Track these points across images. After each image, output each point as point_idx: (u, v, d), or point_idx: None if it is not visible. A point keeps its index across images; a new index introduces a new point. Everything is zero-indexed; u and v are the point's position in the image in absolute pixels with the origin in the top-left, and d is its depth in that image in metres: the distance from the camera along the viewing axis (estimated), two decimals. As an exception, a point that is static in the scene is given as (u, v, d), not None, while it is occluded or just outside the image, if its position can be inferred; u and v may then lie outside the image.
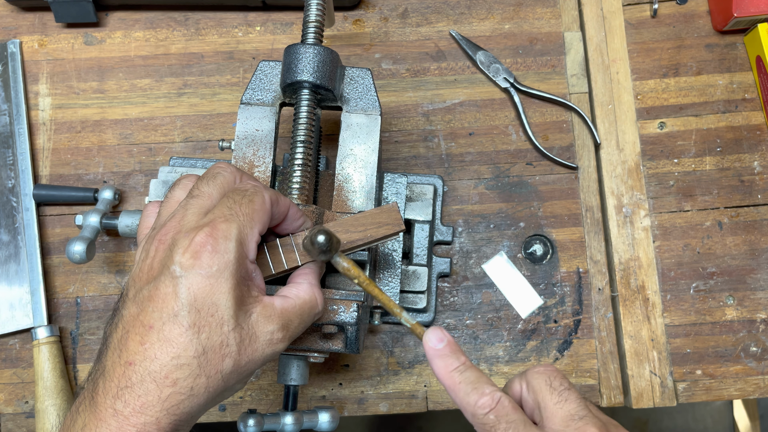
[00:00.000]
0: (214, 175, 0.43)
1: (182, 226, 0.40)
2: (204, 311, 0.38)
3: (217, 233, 0.39)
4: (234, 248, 0.39)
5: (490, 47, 0.72)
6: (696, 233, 0.67)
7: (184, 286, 0.38)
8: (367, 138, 0.55)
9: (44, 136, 0.71)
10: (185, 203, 0.42)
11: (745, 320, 0.66)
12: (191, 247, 0.38)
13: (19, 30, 0.74)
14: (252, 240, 0.41)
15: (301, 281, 0.45)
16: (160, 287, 0.38)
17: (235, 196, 0.41)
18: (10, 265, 0.67)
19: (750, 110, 0.70)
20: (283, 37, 0.73)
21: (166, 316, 0.37)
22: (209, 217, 0.40)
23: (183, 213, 0.41)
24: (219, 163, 0.45)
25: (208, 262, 0.38)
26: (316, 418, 0.55)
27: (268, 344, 0.41)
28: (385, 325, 0.67)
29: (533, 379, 0.42)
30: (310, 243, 0.43)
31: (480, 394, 0.41)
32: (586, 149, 0.70)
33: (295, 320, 0.42)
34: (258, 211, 0.41)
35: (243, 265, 0.40)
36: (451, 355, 0.43)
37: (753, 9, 0.67)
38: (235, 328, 0.39)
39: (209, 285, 0.38)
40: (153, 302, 0.38)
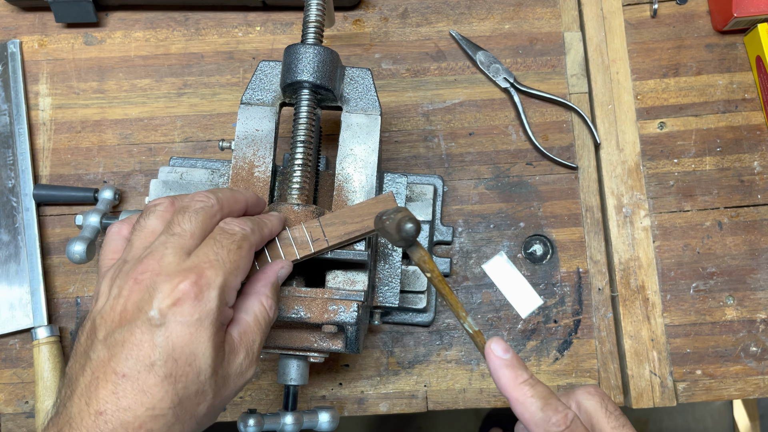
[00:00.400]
0: (195, 210, 0.41)
1: (162, 267, 0.38)
2: (182, 361, 0.36)
3: (202, 281, 0.37)
4: (216, 297, 0.38)
5: (490, 47, 0.72)
6: (696, 233, 0.67)
7: (162, 335, 0.36)
8: (367, 138, 0.55)
9: (44, 136, 0.71)
10: (164, 240, 0.40)
11: (745, 320, 0.66)
12: (173, 294, 0.37)
13: (19, 30, 0.74)
14: (234, 288, 0.40)
15: (248, 292, 0.43)
16: (136, 333, 0.36)
17: (223, 240, 0.40)
18: (10, 265, 0.67)
19: (750, 110, 0.70)
20: (283, 37, 0.73)
21: (141, 365, 0.36)
22: (193, 261, 0.38)
23: (162, 252, 0.39)
24: (199, 195, 0.43)
25: (189, 311, 0.37)
26: (316, 418, 0.55)
27: (239, 377, 0.40)
28: (385, 325, 0.67)
29: (586, 399, 0.42)
30: (396, 231, 0.39)
31: (554, 411, 0.39)
32: (586, 149, 0.70)
33: (256, 339, 0.42)
34: (243, 259, 0.40)
35: (223, 313, 0.39)
36: (519, 366, 0.41)
37: (753, 9, 0.67)
38: (211, 376, 0.38)
39: (189, 334, 0.36)
40: (127, 349, 0.36)
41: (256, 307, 0.43)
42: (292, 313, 0.49)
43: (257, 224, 0.44)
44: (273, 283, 0.44)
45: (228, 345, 0.40)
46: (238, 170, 0.54)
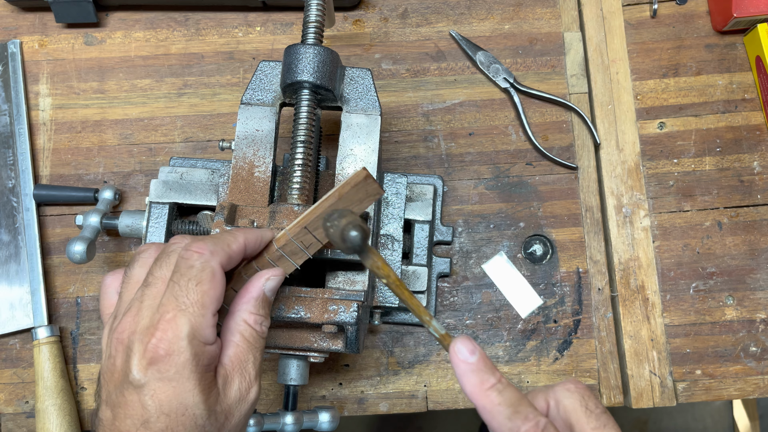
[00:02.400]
0: (167, 254, 0.41)
1: (137, 324, 0.39)
2: (173, 414, 0.37)
3: (167, 335, 0.37)
4: (187, 346, 0.37)
5: (490, 47, 0.72)
6: (696, 233, 0.67)
7: (147, 394, 0.37)
8: (367, 138, 0.55)
9: (44, 136, 0.71)
10: (140, 294, 0.40)
11: (745, 320, 0.66)
12: (146, 353, 0.37)
13: (19, 30, 0.74)
14: (206, 327, 0.39)
15: (232, 310, 0.43)
16: (126, 395, 0.37)
17: (180, 280, 0.39)
18: (10, 265, 0.67)
19: (749, 110, 0.70)
20: (283, 37, 0.73)
21: (138, 422, 0.37)
22: (158, 313, 0.38)
23: (138, 307, 0.39)
24: (174, 238, 0.43)
25: (165, 367, 0.37)
26: (316, 417, 0.55)
27: (240, 403, 0.40)
28: (385, 325, 0.67)
29: (565, 398, 0.39)
30: (340, 239, 0.37)
31: (524, 419, 0.35)
32: (586, 149, 0.70)
33: (248, 358, 0.41)
34: (208, 292, 0.39)
35: (203, 355, 0.38)
36: (485, 370, 0.37)
37: (753, 9, 0.67)
38: (209, 417, 0.38)
39: (172, 388, 0.37)
40: (123, 409, 0.37)
41: (240, 326, 0.42)
42: (292, 313, 0.49)
43: (220, 242, 0.42)
44: (257, 298, 0.43)
45: (221, 377, 0.40)
46: (238, 170, 0.54)
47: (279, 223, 0.50)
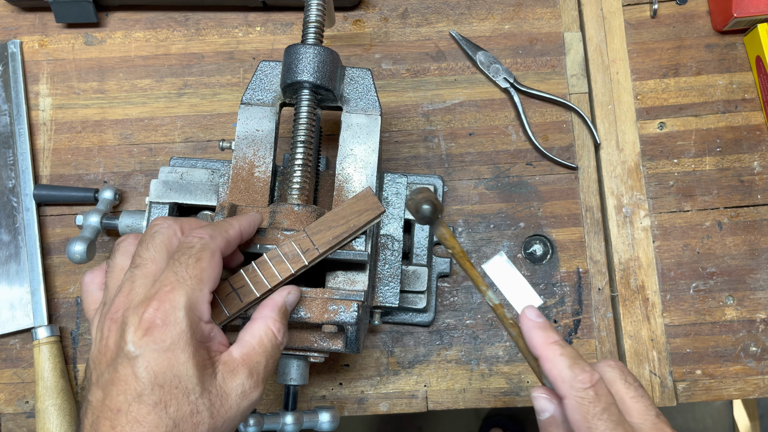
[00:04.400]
0: (152, 236, 0.42)
1: (131, 300, 0.39)
2: (167, 386, 0.37)
3: (164, 305, 0.38)
4: (184, 317, 0.38)
5: (490, 47, 0.72)
6: (696, 233, 0.67)
7: (141, 365, 0.37)
8: (367, 138, 0.55)
9: (45, 136, 0.71)
10: (130, 274, 0.41)
11: (745, 320, 0.66)
12: (141, 324, 0.38)
13: (19, 30, 0.74)
14: (203, 302, 0.40)
15: (256, 317, 0.44)
16: (119, 369, 0.37)
17: (181, 258, 0.40)
18: (10, 265, 0.67)
19: (750, 110, 0.70)
20: (283, 37, 0.73)
21: (131, 397, 0.37)
22: (156, 287, 0.39)
23: (130, 286, 0.40)
24: (155, 220, 0.44)
25: (161, 337, 0.37)
26: (317, 417, 0.55)
27: (242, 397, 0.40)
28: (385, 325, 0.67)
29: (607, 371, 0.44)
30: (415, 210, 0.44)
31: (581, 370, 0.41)
32: (586, 149, 0.70)
33: (261, 361, 0.42)
34: (207, 269, 0.40)
35: (198, 329, 0.39)
36: (549, 329, 0.44)
37: (753, 9, 0.67)
38: (202, 394, 0.38)
39: (167, 359, 0.37)
40: (116, 385, 0.37)
41: (262, 331, 0.43)
42: (293, 312, 0.49)
43: (218, 228, 0.44)
44: (280, 308, 0.45)
45: (225, 365, 0.41)
46: (239, 170, 0.54)
47: (279, 223, 0.50)
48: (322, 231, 0.48)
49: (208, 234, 0.42)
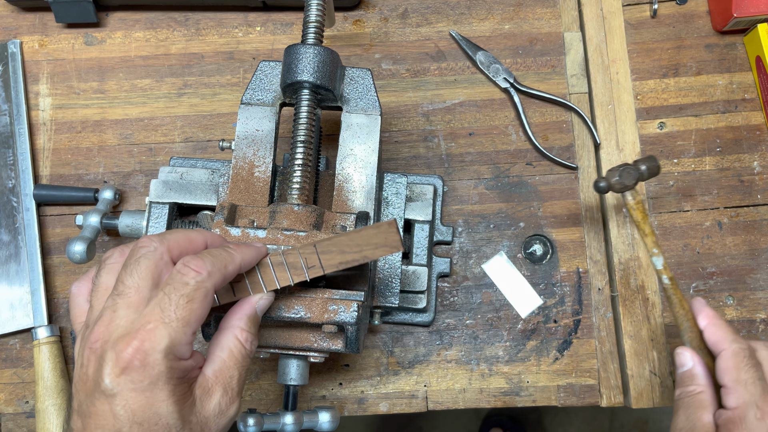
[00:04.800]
0: (137, 261, 0.40)
1: (110, 333, 0.38)
2: (146, 423, 0.36)
3: (144, 345, 0.36)
4: (163, 360, 0.36)
5: (490, 47, 0.72)
6: (696, 233, 0.67)
7: (119, 404, 0.36)
8: (367, 138, 0.55)
9: (44, 136, 0.71)
10: (112, 302, 0.39)
11: (745, 320, 0.66)
12: (119, 362, 0.36)
13: (19, 30, 0.74)
14: (186, 343, 0.38)
15: (223, 327, 0.43)
16: (97, 404, 0.36)
17: (171, 294, 0.38)
18: (10, 265, 0.67)
19: (750, 110, 0.70)
20: (283, 37, 0.73)
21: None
22: (139, 322, 0.37)
23: (111, 316, 0.38)
24: (141, 240, 0.41)
25: (138, 378, 0.36)
26: (317, 417, 0.55)
27: (219, 416, 0.40)
28: (385, 325, 0.67)
29: (762, 349, 0.51)
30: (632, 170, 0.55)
31: (741, 340, 0.50)
32: (586, 149, 0.70)
33: (234, 374, 0.41)
34: (196, 311, 0.38)
35: (177, 368, 0.38)
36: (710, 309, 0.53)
37: (753, 9, 0.67)
38: (183, 427, 0.38)
39: (145, 399, 0.36)
40: (94, 419, 0.36)
41: (231, 342, 0.42)
42: (292, 313, 0.49)
43: (219, 262, 0.41)
44: (249, 316, 0.44)
45: (200, 388, 0.40)
46: (238, 170, 0.54)
47: (279, 223, 0.50)
48: (333, 253, 0.45)
49: (206, 270, 0.39)
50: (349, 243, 0.45)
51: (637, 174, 0.58)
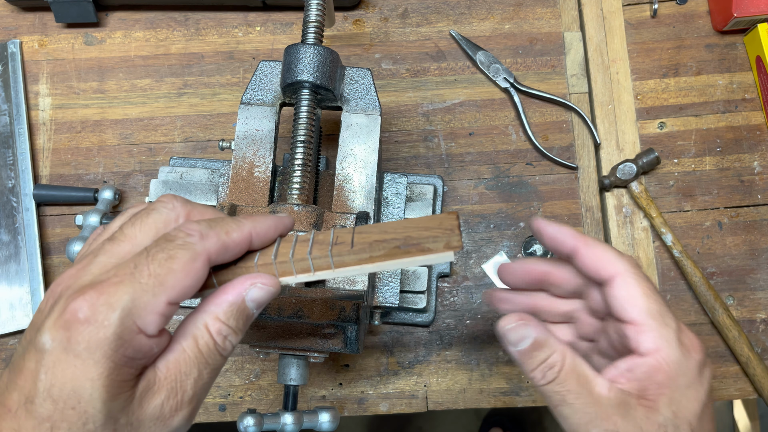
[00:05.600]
0: (148, 213, 0.34)
1: (77, 279, 0.31)
2: (61, 402, 0.29)
3: (98, 299, 0.29)
4: (116, 322, 0.29)
5: (490, 47, 0.72)
6: (696, 233, 0.67)
7: (45, 365, 0.29)
8: (367, 138, 0.55)
9: (44, 136, 0.71)
10: (99, 247, 0.33)
11: (745, 320, 0.66)
12: (64, 314, 0.29)
13: (19, 30, 0.74)
14: (152, 311, 0.30)
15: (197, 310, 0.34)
16: (26, 359, 0.30)
17: (152, 249, 0.31)
18: (10, 265, 0.67)
19: (750, 110, 0.70)
20: (283, 37, 0.73)
21: (22, 399, 0.29)
22: (107, 274, 0.31)
23: (89, 261, 0.32)
24: (163, 196, 0.35)
25: (76, 337, 0.29)
26: (317, 418, 0.55)
27: (158, 423, 0.31)
28: (385, 326, 0.67)
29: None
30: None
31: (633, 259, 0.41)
32: (586, 149, 0.70)
33: (190, 372, 0.32)
34: (175, 273, 0.31)
35: (131, 342, 0.30)
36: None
37: (753, 9, 0.67)
38: (105, 424, 0.29)
39: (73, 368, 0.29)
40: (17, 377, 0.30)
41: (198, 331, 0.33)
42: (292, 313, 0.49)
43: (217, 227, 0.34)
44: (232, 304, 0.34)
45: (145, 381, 0.31)
46: (238, 170, 0.54)
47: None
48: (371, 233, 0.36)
49: (198, 231, 0.33)
50: (394, 225, 0.36)
51: (637, 167, 0.65)
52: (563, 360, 0.37)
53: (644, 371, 0.36)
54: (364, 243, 0.35)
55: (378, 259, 0.35)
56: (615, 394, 0.36)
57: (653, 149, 0.67)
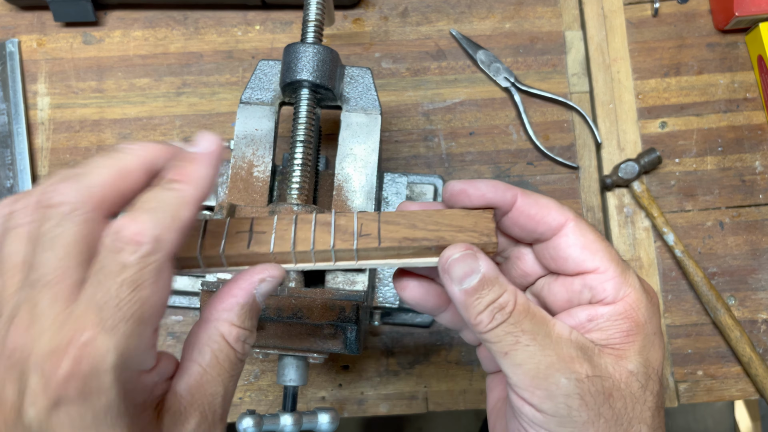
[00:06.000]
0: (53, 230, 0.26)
1: (33, 340, 0.25)
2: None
3: (82, 366, 0.24)
4: (113, 383, 0.25)
5: (491, 46, 0.72)
6: (697, 233, 0.67)
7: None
8: (367, 137, 0.55)
9: (43, 136, 0.71)
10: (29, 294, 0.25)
11: (747, 320, 0.65)
12: (48, 391, 0.24)
13: (17, 29, 0.73)
14: (144, 349, 0.27)
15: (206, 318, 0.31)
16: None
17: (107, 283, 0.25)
18: (8, 266, 0.67)
19: (751, 110, 0.69)
20: (282, 36, 0.73)
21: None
22: (71, 328, 0.24)
23: (30, 315, 0.25)
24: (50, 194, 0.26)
25: (77, 413, 0.24)
26: (316, 419, 0.55)
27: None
28: (385, 326, 0.66)
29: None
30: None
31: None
32: (587, 149, 0.69)
33: (217, 392, 0.30)
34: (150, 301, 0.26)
35: (135, 390, 0.27)
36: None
37: (754, 8, 0.66)
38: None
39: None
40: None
41: (216, 343, 0.30)
42: (292, 313, 0.48)
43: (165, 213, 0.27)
44: (243, 306, 0.31)
45: (169, 412, 0.28)
46: (237, 170, 0.54)
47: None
48: (399, 225, 0.34)
49: (149, 234, 0.26)
50: (424, 218, 0.34)
51: (639, 166, 0.66)
52: (515, 299, 0.32)
53: (609, 319, 0.33)
54: (392, 239, 0.33)
55: (405, 257, 0.33)
56: (576, 337, 0.32)
57: (655, 149, 0.66)
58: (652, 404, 0.32)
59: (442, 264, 0.32)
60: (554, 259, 0.34)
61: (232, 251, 0.31)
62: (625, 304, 0.32)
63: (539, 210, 0.34)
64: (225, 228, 0.32)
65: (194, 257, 0.31)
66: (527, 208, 0.34)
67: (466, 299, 0.31)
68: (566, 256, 0.34)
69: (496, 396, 0.39)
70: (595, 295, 0.33)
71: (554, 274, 0.35)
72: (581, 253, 0.33)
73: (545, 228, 0.34)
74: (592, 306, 0.33)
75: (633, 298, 0.33)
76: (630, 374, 0.31)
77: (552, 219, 0.34)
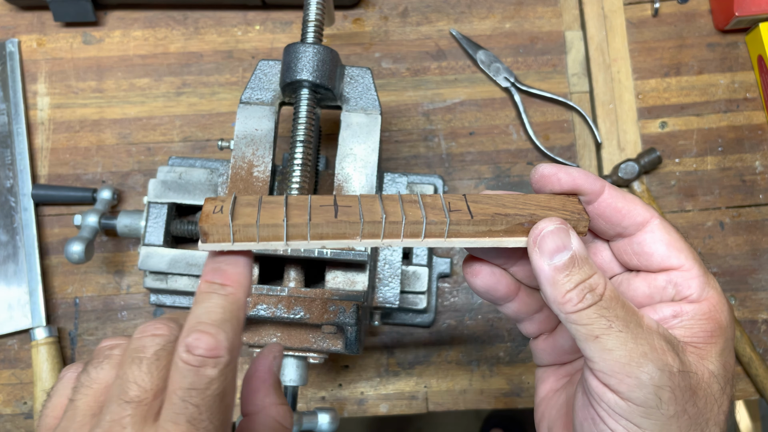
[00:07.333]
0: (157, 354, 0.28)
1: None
2: None
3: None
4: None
5: (491, 46, 0.72)
6: (697, 233, 0.67)
7: None
8: (367, 137, 0.55)
9: (43, 136, 0.71)
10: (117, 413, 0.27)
11: (747, 321, 0.65)
12: None
13: (17, 29, 0.73)
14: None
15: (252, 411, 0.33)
16: None
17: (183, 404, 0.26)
18: (8, 266, 0.67)
19: (751, 110, 0.69)
20: (282, 36, 0.73)
21: None
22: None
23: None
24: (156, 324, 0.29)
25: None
26: (316, 419, 0.55)
27: None
28: (385, 326, 0.66)
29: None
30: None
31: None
32: (587, 149, 0.69)
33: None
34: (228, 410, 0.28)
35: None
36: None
37: (754, 8, 0.66)
38: None
39: None
40: None
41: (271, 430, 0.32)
42: (292, 313, 0.48)
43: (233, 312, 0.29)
44: (273, 384, 0.33)
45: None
46: (237, 170, 0.54)
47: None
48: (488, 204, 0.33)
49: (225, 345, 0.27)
50: (511, 200, 0.33)
51: (639, 166, 0.66)
52: (605, 283, 0.31)
53: (693, 318, 0.32)
54: (485, 215, 0.32)
55: (496, 234, 0.32)
56: (664, 331, 0.31)
57: (655, 149, 0.66)
58: (726, 408, 0.32)
59: (534, 236, 0.31)
60: (638, 254, 0.34)
61: (320, 219, 0.30)
62: (708, 305, 0.32)
63: (626, 204, 0.33)
64: (308, 201, 0.32)
65: (280, 224, 0.30)
66: (615, 201, 0.33)
67: (555, 275, 0.31)
68: (652, 251, 0.33)
69: (547, 387, 0.39)
70: (679, 292, 0.33)
71: (631, 271, 0.35)
72: (667, 250, 0.33)
73: (630, 222, 0.33)
74: (677, 303, 0.33)
75: (716, 300, 0.32)
76: (711, 375, 0.31)
77: (638, 214, 0.33)
